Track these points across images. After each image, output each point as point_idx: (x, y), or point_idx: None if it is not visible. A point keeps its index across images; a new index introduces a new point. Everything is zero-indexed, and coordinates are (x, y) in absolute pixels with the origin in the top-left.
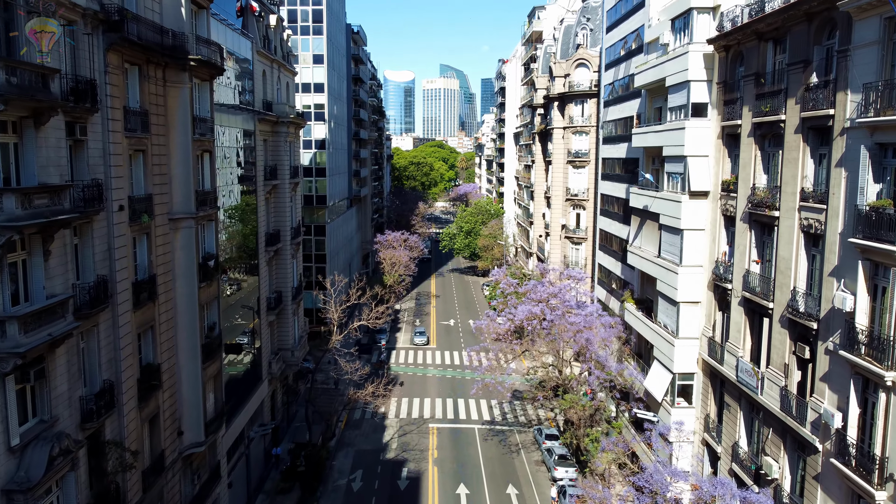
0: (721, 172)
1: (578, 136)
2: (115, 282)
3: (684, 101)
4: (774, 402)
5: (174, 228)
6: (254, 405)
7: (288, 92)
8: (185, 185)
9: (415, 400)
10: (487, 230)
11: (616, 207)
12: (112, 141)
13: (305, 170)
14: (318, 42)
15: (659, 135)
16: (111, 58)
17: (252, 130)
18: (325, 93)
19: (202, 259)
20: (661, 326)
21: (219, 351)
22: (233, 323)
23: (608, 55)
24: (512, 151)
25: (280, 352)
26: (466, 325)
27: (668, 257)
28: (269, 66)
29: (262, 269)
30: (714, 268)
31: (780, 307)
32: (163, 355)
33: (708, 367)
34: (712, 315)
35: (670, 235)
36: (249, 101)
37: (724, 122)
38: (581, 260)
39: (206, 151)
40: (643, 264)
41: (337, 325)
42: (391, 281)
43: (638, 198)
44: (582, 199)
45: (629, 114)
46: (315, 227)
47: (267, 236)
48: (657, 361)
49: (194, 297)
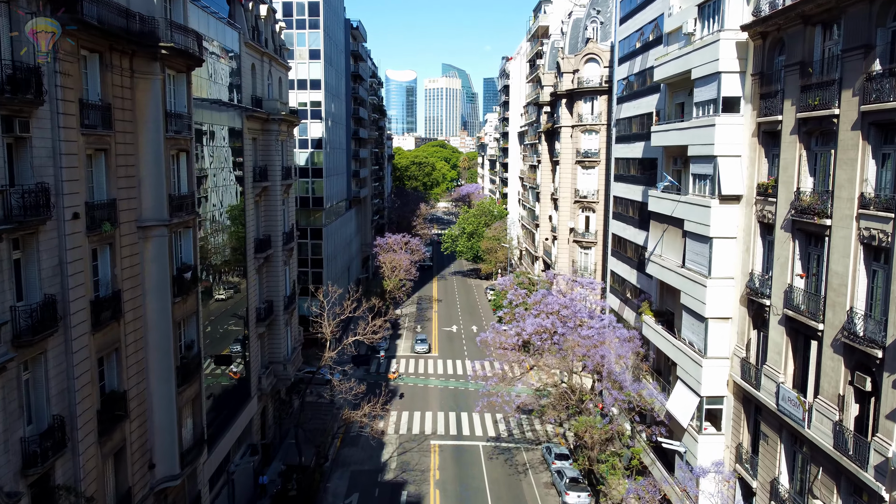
0: (756, 174)
1: (588, 134)
2: (67, 301)
3: (713, 95)
4: (826, 438)
5: (144, 237)
6: (241, 424)
7: (280, 88)
8: (156, 189)
9: (415, 414)
10: (491, 232)
11: (631, 211)
12: (64, 139)
13: (301, 170)
14: (315, 36)
15: (683, 133)
16: (62, 43)
17: (239, 128)
18: (322, 89)
19: (177, 271)
20: (685, 343)
21: (198, 371)
22: (217, 338)
23: (622, 48)
24: (516, 151)
25: (271, 365)
26: (470, 332)
27: (694, 268)
28: (259, 59)
29: (251, 277)
30: (748, 281)
31: (832, 329)
32: (130, 380)
33: (740, 390)
34: (745, 333)
35: (697, 244)
36: (237, 96)
37: (760, 119)
38: (590, 265)
39: (183, 151)
40: (664, 274)
41: (330, 340)
42: (391, 286)
43: (658, 202)
44: (591, 202)
45: (646, 110)
46: (311, 230)
47: (256, 242)
48: (681, 382)
49: (167, 314)
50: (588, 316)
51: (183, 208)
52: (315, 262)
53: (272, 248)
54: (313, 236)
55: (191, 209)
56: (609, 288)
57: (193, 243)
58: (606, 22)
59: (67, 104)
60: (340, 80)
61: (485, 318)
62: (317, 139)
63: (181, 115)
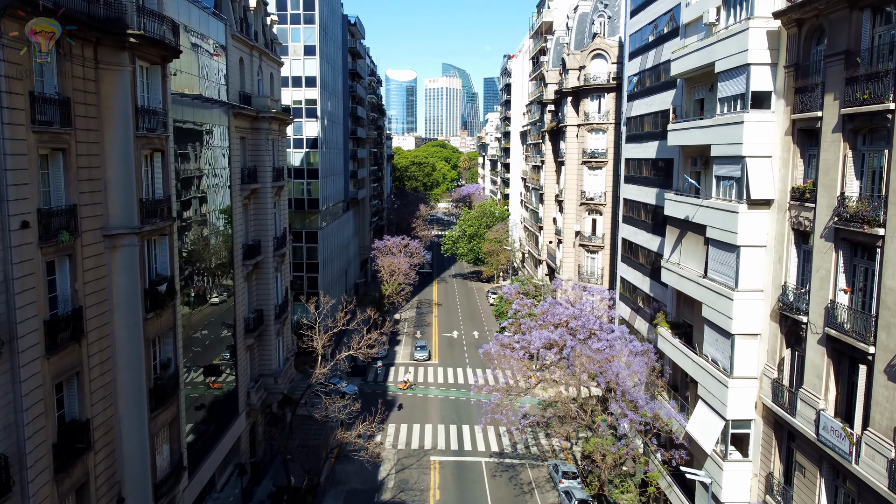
0: (790, 177)
1: (594, 134)
2: (14, 323)
3: (740, 90)
4: (879, 476)
5: (111, 247)
6: (228, 443)
7: (272, 84)
8: (125, 193)
9: (415, 427)
10: (492, 234)
11: (644, 215)
12: (9, 136)
13: (296, 171)
14: (310, 32)
15: (706, 131)
16: (7, 25)
17: (225, 127)
18: (318, 87)
19: (151, 283)
20: (708, 361)
21: (175, 392)
22: (200, 352)
23: (633, 42)
24: (518, 151)
25: (261, 378)
26: (471, 337)
27: (718, 278)
28: (248, 53)
29: (239, 285)
30: (780, 294)
31: (886, 354)
32: (95, 407)
33: (771, 414)
34: (777, 351)
35: (722, 252)
36: (222, 92)
37: (795, 115)
38: (597, 270)
39: (158, 151)
40: (683, 284)
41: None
42: (390, 290)
43: (676, 206)
44: (598, 204)
45: (660, 108)
46: (306, 233)
47: (245, 248)
48: (703, 402)
49: (139, 332)
50: (598, 327)
51: (157, 214)
52: (310, 267)
53: (262, 253)
54: (308, 240)
55: (167, 215)
56: (619, 295)
57: (170, 252)
58: (614, 16)
59: (13, 97)
60: (337, 77)
61: (486, 323)
62: (312, 139)
63: (155, 112)
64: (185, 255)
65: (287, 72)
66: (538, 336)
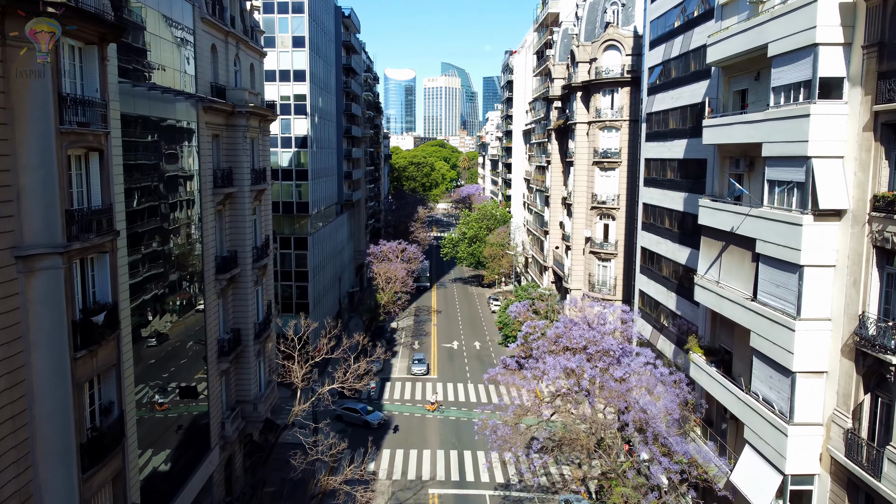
0: (871, 182)
1: (607, 132)
2: None
3: (804, 76)
4: None
5: (27, 272)
6: (199, 483)
7: (252, 76)
8: (44, 204)
9: (411, 453)
10: (494, 238)
11: (668, 222)
12: None
13: (284, 172)
14: (299, 22)
15: (755, 126)
16: None
17: (193, 123)
18: (307, 81)
19: (84, 313)
20: (758, 400)
21: (119, 442)
22: (161, 384)
23: (654, 29)
24: (521, 151)
25: (239, 405)
26: (472, 349)
27: (772, 303)
28: (223, 40)
29: (211, 304)
30: (857, 326)
31: None
32: (5, 474)
33: (842, 471)
34: (851, 395)
35: (778, 272)
36: (189, 82)
37: (878, 106)
38: (609, 280)
39: (94, 150)
40: (724, 306)
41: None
42: (386, 299)
43: (714, 214)
44: (611, 208)
45: (689, 101)
46: (295, 239)
47: (218, 261)
48: (752, 449)
49: (65, 374)
50: (620, 350)
51: (93, 228)
52: (299, 276)
53: (239, 266)
54: (297, 246)
55: (107, 228)
56: (636, 309)
57: (112, 273)
58: (629, 3)
59: None
60: (330, 71)
61: (488, 332)
62: (301, 137)
63: (91, 103)
64: (141, 273)
65: (274, 65)
66: (553, 364)
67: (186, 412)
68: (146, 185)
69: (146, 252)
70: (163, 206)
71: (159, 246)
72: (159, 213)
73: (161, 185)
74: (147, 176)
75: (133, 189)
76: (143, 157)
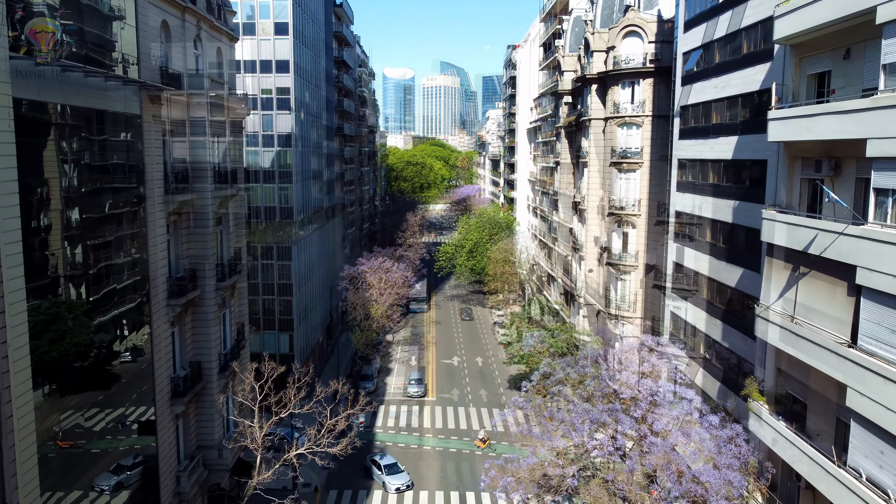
0: None
1: (626, 128)
2: None
3: None
4: None
5: None
6: None
7: (220, 62)
8: None
9: (406, 496)
10: (498, 253)
11: (711, 235)
12: None
13: (266, 174)
14: (282, 7)
15: (853, 117)
16: None
17: (136, 114)
18: (291, 72)
19: None
20: (860, 480)
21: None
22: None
23: (691, 7)
24: (525, 150)
25: (200, 451)
26: (473, 365)
27: (882, 352)
28: (179, 17)
29: (160, 335)
30: None
31: None
32: None
33: None
34: None
35: (892, 312)
36: (130, 66)
37: None
38: (628, 295)
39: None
40: (804, 349)
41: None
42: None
43: (787, 230)
44: (631, 214)
45: (741, 90)
46: (278, 248)
47: (170, 282)
48: None
49: None
50: (662, 397)
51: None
52: (283, 289)
53: (199, 287)
54: (280, 256)
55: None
56: (668, 335)
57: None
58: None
59: None
60: (319, 64)
61: (489, 348)
62: (285, 135)
63: None
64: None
65: (253, 55)
66: (582, 416)
67: (125, 474)
68: (67, 190)
69: (60, 277)
70: (86, 218)
71: (80, 271)
72: (83, 228)
73: (85, 190)
74: (67, 179)
75: (39, 200)
76: (58, 155)
